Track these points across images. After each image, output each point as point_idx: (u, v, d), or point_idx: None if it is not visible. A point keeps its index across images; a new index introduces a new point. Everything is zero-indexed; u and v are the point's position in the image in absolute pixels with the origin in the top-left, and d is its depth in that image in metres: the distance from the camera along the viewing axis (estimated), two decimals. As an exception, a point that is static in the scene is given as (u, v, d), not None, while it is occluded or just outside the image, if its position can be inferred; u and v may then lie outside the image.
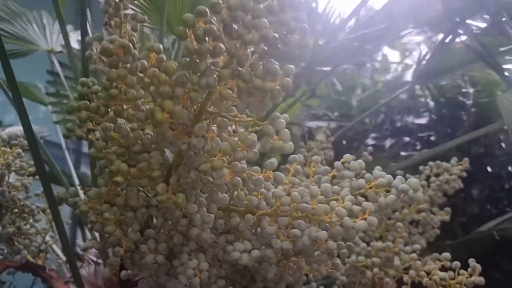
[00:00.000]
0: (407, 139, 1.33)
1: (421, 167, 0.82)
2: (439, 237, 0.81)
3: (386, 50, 1.80)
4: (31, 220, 0.65)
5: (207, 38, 0.32)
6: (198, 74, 0.33)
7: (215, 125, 0.35)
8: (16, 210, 0.63)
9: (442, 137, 1.25)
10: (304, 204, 0.40)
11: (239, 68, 0.32)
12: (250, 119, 0.35)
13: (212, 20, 0.31)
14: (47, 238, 0.73)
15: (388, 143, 1.37)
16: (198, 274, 0.42)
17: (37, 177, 0.60)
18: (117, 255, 0.39)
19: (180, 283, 0.44)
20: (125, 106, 0.38)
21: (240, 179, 0.37)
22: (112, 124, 0.39)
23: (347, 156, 0.46)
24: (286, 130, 0.33)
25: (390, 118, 1.46)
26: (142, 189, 0.41)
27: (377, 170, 0.44)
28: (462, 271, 0.59)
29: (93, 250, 0.67)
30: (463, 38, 1.16)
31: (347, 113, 1.49)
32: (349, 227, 0.37)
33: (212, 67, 0.33)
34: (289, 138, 0.33)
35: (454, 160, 0.78)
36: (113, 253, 0.39)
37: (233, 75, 0.32)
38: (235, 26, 0.31)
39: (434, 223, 0.75)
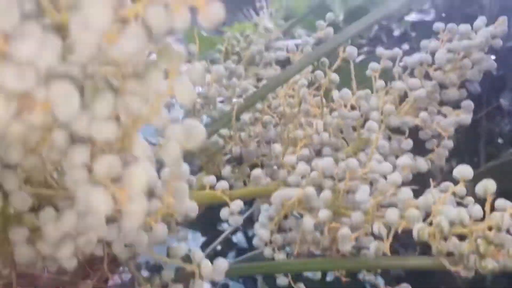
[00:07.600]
0: (406, 47, 1.01)
1: (423, 42, 0.50)
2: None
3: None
4: None
5: None
6: None
7: None
8: None
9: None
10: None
11: None
12: None
13: None
14: None
15: (384, 56, 1.06)
16: None
17: None
18: None
19: None
20: None
21: None
22: None
23: None
24: None
25: (386, 27, 1.14)
26: None
27: None
28: (499, 201, 0.28)
29: None
30: None
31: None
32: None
33: None
34: None
35: (481, 20, 0.45)
36: None
37: None
38: None
39: (443, 130, 0.43)
